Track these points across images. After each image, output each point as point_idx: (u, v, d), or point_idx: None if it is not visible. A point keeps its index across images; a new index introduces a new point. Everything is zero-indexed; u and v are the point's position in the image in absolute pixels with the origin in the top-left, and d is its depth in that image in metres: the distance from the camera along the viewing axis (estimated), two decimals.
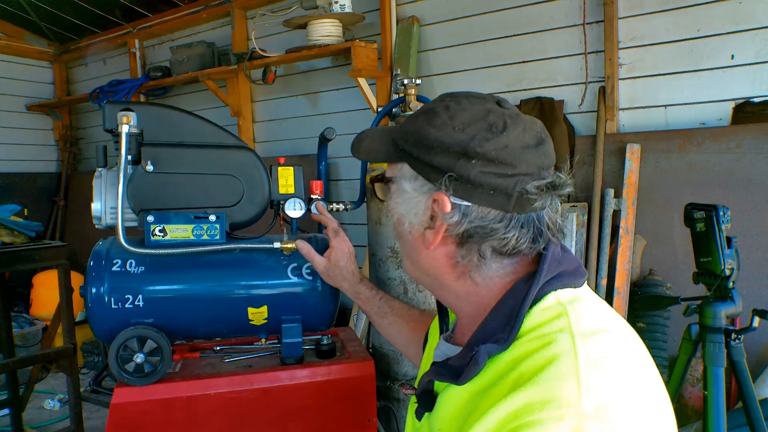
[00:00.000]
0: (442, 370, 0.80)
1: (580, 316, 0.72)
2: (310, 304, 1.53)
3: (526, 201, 0.75)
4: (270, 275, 1.51)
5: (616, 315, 0.78)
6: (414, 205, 0.81)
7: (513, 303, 0.76)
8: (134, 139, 1.43)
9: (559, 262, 0.79)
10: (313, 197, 1.57)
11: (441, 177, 0.76)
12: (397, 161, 0.84)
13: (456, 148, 0.75)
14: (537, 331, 0.72)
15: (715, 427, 1.69)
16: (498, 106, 0.79)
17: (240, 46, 4.12)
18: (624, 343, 0.72)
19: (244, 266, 1.51)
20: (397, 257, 1.79)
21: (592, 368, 0.65)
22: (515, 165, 0.74)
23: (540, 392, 0.64)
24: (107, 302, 1.40)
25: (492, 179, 0.74)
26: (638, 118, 2.81)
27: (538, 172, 0.76)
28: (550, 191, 0.77)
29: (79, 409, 2.76)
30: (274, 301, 1.50)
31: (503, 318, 0.75)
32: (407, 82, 1.77)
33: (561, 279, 0.77)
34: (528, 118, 0.81)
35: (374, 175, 0.91)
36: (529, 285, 0.75)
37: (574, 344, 0.68)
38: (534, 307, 0.75)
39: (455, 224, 0.77)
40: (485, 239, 0.77)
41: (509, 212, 0.76)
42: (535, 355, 0.68)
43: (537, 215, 0.78)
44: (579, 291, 0.78)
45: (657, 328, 2.57)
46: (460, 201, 0.76)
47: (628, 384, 0.67)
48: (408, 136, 0.81)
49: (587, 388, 0.63)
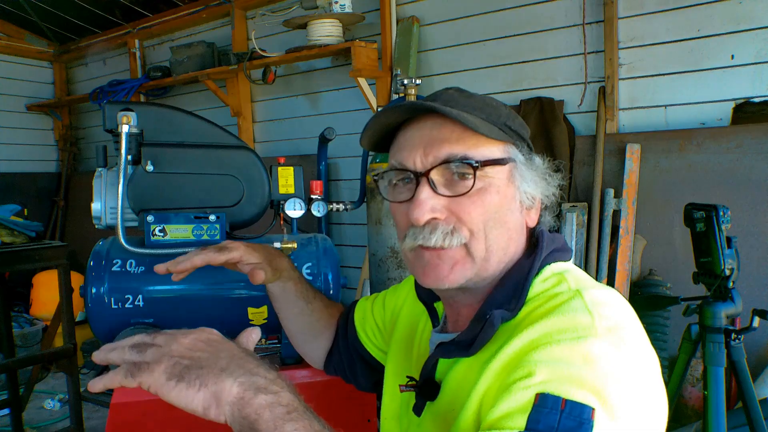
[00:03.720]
0: (451, 347, 0.82)
1: (577, 278, 0.81)
2: None
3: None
4: None
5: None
6: (531, 177, 0.86)
7: (518, 276, 0.82)
8: (134, 139, 1.43)
9: (553, 240, 0.86)
10: (313, 197, 1.57)
11: (532, 154, 0.87)
12: (506, 141, 0.85)
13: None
14: (541, 295, 0.79)
15: (715, 427, 1.69)
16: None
17: (240, 46, 4.12)
18: (619, 295, 0.79)
19: None
20: (397, 257, 1.79)
21: (599, 306, 0.72)
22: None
23: (555, 323, 0.71)
24: (107, 302, 1.40)
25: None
26: (638, 118, 2.81)
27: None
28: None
29: (79, 409, 2.76)
30: None
31: (509, 291, 0.81)
32: (407, 82, 1.78)
33: (554, 255, 0.85)
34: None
35: (469, 159, 0.80)
36: (531, 260, 0.83)
37: (579, 292, 0.75)
38: (534, 279, 0.82)
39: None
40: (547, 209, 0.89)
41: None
42: (544, 305, 0.76)
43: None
44: (568, 264, 0.86)
45: (657, 328, 2.57)
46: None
47: (632, 317, 0.75)
48: (511, 117, 0.87)
49: (599, 316, 0.70)
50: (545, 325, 0.71)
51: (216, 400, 0.66)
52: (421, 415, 0.88)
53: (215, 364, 0.69)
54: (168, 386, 0.67)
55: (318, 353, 1.25)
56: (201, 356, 0.71)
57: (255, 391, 0.66)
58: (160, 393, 0.68)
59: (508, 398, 0.66)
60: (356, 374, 1.20)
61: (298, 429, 0.63)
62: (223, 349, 0.73)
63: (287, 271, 1.17)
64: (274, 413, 0.64)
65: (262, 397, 0.65)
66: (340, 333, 1.22)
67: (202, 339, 0.75)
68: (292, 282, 1.18)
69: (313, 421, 0.65)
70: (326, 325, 1.23)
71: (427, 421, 0.86)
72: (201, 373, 0.68)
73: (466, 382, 0.77)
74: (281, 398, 0.66)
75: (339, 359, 1.22)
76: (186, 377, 0.67)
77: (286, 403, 0.65)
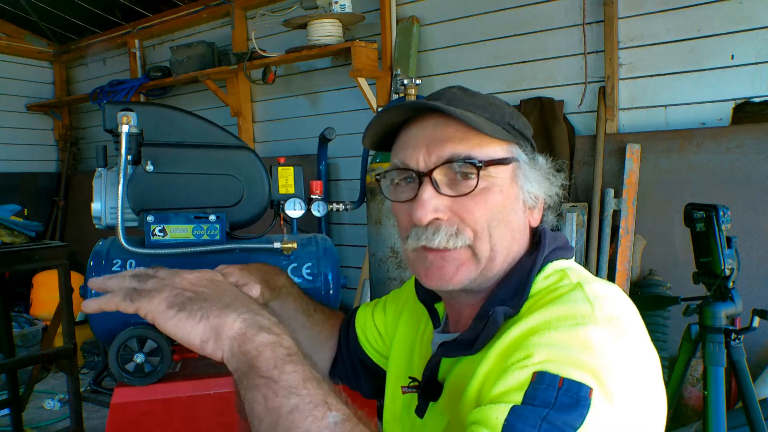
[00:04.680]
0: (454, 346, 0.82)
1: (578, 274, 0.81)
2: None
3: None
4: None
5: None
6: (534, 177, 0.86)
7: (520, 274, 0.82)
8: (134, 139, 1.42)
9: (554, 238, 0.86)
10: (313, 197, 1.57)
11: (535, 154, 0.87)
12: (509, 141, 0.84)
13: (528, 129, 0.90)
14: (543, 291, 0.79)
15: (715, 427, 1.69)
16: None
17: (240, 46, 4.12)
18: (620, 290, 0.79)
19: None
20: (397, 257, 1.79)
21: (599, 298, 0.72)
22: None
23: (555, 311, 0.71)
24: None
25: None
26: (638, 118, 2.81)
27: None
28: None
29: (79, 409, 2.76)
30: None
31: (511, 289, 0.81)
32: (407, 82, 1.78)
33: (555, 253, 0.85)
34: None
35: (472, 159, 0.78)
36: (533, 258, 0.82)
37: (580, 285, 0.75)
38: (536, 277, 0.81)
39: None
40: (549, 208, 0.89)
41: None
42: (546, 296, 0.76)
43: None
44: (570, 262, 0.86)
45: (657, 328, 2.57)
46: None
47: (633, 312, 0.75)
48: (515, 117, 0.86)
49: (600, 307, 0.70)
50: (545, 313, 0.71)
51: (216, 334, 0.65)
52: (424, 417, 0.87)
53: (219, 299, 0.69)
54: (167, 314, 0.67)
55: (322, 364, 1.24)
56: (205, 291, 0.70)
57: (258, 329, 0.65)
58: (158, 321, 0.67)
59: (506, 378, 0.66)
60: (360, 382, 1.19)
61: (297, 371, 0.62)
62: (228, 289, 0.73)
63: (285, 287, 1.16)
64: (276, 353, 0.63)
65: (264, 336, 0.65)
66: (343, 342, 1.21)
67: (207, 277, 0.74)
68: (291, 298, 1.17)
69: (312, 368, 0.65)
70: (329, 336, 1.22)
71: (430, 422, 0.86)
72: (204, 305, 0.67)
73: (467, 376, 0.77)
74: (283, 340, 0.66)
75: (343, 368, 1.21)
76: (188, 307, 0.67)
77: (287, 346, 0.65)
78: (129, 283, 0.71)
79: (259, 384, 0.62)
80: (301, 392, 0.61)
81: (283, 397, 0.61)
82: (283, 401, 0.60)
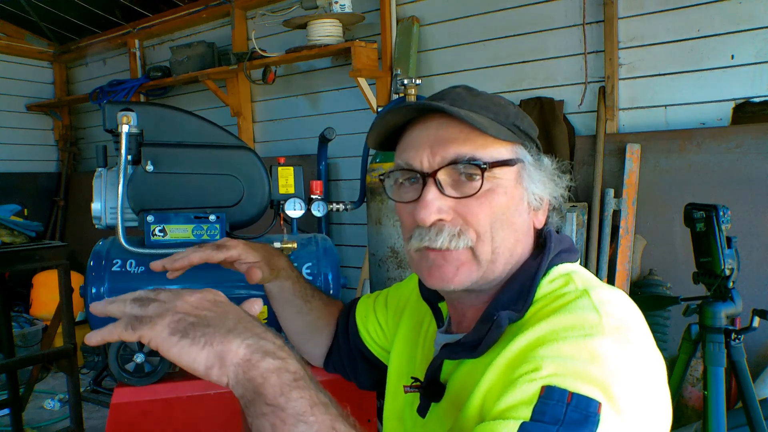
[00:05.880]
0: (457, 348, 0.82)
1: (584, 279, 0.80)
2: None
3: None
4: None
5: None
6: (539, 178, 0.85)
7: (524, 278, 0.81)
8: (134, 139, 1.42)
9: (560, 241, 0.86)
10: (313, 197, 1.57)
11: (540, 154, 0.86)
12: (514, 142, 0.83)
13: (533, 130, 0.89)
14: (548, 296, 0.78)
15: (715, 427, 1.69)
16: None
17: (240, 46, 4.12)
18: (626, 296, 0.79)
19: None
20: (397, 257, 1.79)
21: (606, 305, 0.72)
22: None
23: (562, 320, 0.71)
24: None
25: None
26: (638, 118, 2.81)
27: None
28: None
29: (79, 409, 2.76)
30: None
31: (516, 292, 0.80)
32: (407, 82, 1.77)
33: (561, 255, 0.84)
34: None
35: (477, 160, 0.78)
36: (538, 261, 0.82)
37: (587, 291, 0.75)
38: (542, 280, 0.81)
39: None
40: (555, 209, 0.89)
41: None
42: (551, 304, 0.75)
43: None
44: (575, 265, 0.86)
45: (657, 328, 2.57)
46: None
47: (639, 318, 0.75)
48: (520, 117, 0.86)
49: (606, 315, 0.70)
50: (552, 322, 0.71)
51: (220, 360, 0.64)
52: (426, 417, 0.87)
53: (222, 324, 0.67)
54: (170, 341, 0.65)
55: (318, 351, 1.25)
56: (207, 315, 0.69)
57: (263, 354, 0.64)
58: (162, 348, 0.66)
59: (513, 391, 0.65)
60: (357, 373, 1.20)
61: (304, 397, 0.61)
62: (231, 311, 0.72)
63: (285, 270, 1.17)
64: (282, 379, 0.62)
65: (269, 361, 0.63)
66: (341, 331, 1.21)
67: (209, 299, 0.73)
68: (290, 281, 1.18)
69: (319, 391, 0.64)
70: (326, 324, 1.23)
71: (432, 422, 0.86)
72: (207, 331, 0.66)
73: (470, 382, 0.77)
74: (288, 365, 0.64)
75: (339, 357, 1.21)
76: (191, 334, 0.65)
77: (293, 370, 0.64)
78: (130, 308, 0.70)
79: (266, 412, 0.61)
80: (309, 419, 0.60)
81: (291, 425, 0.60)
82: (291, 429, 0.60)
